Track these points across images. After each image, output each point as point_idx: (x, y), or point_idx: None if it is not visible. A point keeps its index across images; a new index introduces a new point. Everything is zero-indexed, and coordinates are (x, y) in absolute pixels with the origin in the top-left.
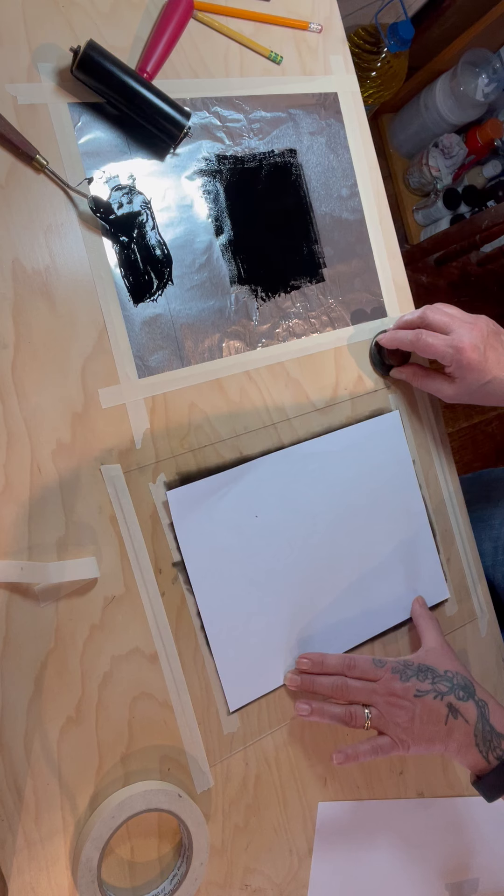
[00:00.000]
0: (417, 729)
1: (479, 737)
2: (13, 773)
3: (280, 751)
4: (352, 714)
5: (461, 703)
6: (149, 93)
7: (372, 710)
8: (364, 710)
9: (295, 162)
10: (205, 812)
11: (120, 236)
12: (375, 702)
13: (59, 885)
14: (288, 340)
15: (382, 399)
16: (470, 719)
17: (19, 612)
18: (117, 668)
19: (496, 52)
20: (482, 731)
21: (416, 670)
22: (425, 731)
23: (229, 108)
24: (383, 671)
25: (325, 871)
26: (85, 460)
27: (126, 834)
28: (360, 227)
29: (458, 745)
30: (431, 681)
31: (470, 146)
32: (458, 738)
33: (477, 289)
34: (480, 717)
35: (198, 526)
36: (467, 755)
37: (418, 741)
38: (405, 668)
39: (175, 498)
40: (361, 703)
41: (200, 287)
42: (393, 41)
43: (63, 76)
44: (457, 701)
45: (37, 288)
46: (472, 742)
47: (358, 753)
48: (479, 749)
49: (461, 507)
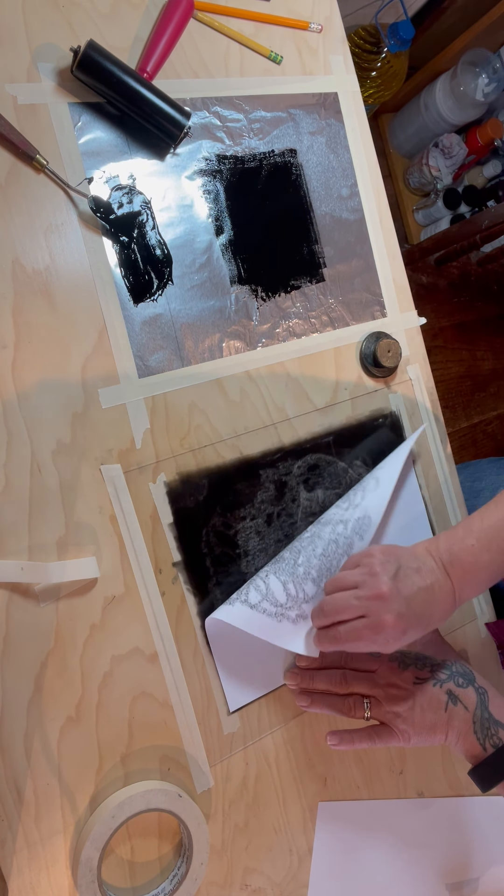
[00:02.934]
0: (418, 717)
1: (478, 724)
2: (13, 773)
3: (280, 751)
4: (350, 705)
5: (461, 690)
6: (149, 93)
7: (371, 700)
8: (364, 701)
9: (295, 162)
10: (205, 812)
11: (120, 236)
12: (375, 692)
13: (59, 885)
14: (288, 340)
15: (382, 399)
16: (469, 706)
17: (19, 612)
18: (117, 668)
19: (496, 52)
20: (481, 719)
21: (413, 658)
22: (426, 719)
23: (229, 108)
24: (381, 661)
25: (325, 871)
26: (85, 460)
27: (126, 834)
28: (360, 227)
29: (458, 733)
30: (430, 668)
31: (470, 146)
32: (457, 725)
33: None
34: (480, 705)
35: None
36: (465, 743)
37: (419, 731)
38: (403, 658)
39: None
40: (361, 693)
41: (200, 287)
42: (393, 41)
43: (63, 76)
44: (456, 688)
45: (37, 288)
46: (470, 729)
47: (353, 738)
48: (476, 737)
49: (461, 507)
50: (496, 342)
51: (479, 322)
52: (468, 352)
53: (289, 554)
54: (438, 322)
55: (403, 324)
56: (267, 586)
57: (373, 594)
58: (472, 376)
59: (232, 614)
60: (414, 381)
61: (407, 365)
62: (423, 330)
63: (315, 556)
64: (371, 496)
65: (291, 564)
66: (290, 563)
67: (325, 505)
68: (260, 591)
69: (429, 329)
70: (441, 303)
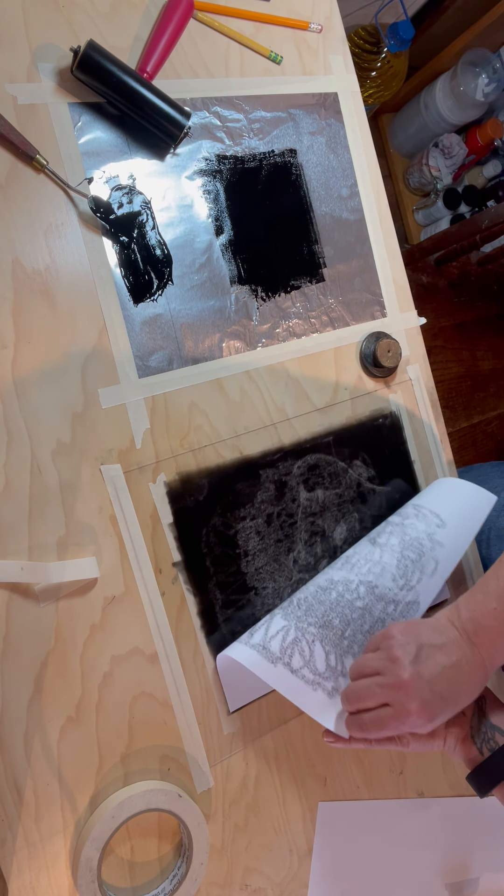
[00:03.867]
0: None
1: (475, 728)
2: (13, 773)
3: (280, 751)
4: None
5: None
6: (149, 93)
7: None
8: None
9: (295, 162)
10: (205, 812)
11: (120, 236)
12: None
13: (59, 885)
14: (288, 340)
15: (382, 399)
16: (467, 711)
17: (19, 612)
18: (117, 668)
19: (496, 52)
20: (479, 724)
21: None
22: None
23: (229, 108)
24: None
25: (325, 871)
26: (85, 460)
27: (126, 834)
28: (360, 227)
29: (455, 738)
30: None
31: (470, 146)
32: (455, 731)
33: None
34: (477, 710)
35: None
36: (463, 748)
37: (418, 736)
38: None
39: None
40: None
41: (200, 287)
42: (393, 41)
43: (63, 76)
44: None
45: (37, 288)
46: (468, 735)
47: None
48: (474, 741)
49: None
50: (496, 342)
51: (479, 322)
52: (468, 352)
53: (338, 621)
54: (438, 322)
55: (403, 324)
56: (311, 653)
57: (394, 683)
58: (472, 376)
59: (270, 674)
60: (414, 381)
61: (407, 365)
62: (423, 330)
63: (361, 633)
64: (427, 581)
65: (339, 635)
66: (337, 634)
67: (326, 505)
68: (303, 657)
69: (429, 329)
70: (441, 303)
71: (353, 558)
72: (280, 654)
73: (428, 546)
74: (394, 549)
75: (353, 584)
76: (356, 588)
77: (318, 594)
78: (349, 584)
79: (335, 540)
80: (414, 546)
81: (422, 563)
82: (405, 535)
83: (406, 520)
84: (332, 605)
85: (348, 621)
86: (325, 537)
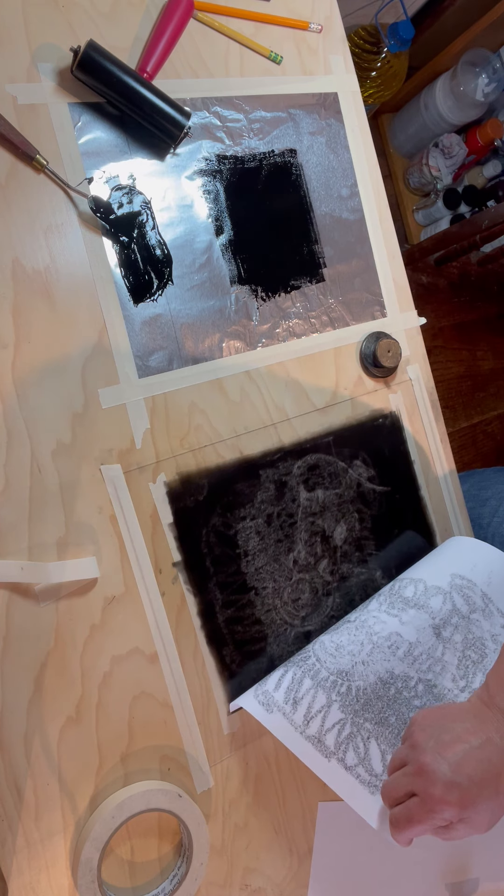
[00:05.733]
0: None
1: None
2: (13, 773)
3: (280, 751)
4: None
5: None
6: (149, 93)
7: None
8: None
9: (295, 162)
10: (205, 812)
11: (120, 236)
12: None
13: (59, 885)
14: (288, 340)
15: (382, 399)
16: None
17: (19, 612)
18: (117, 668)
19: (496, 52)
20: None
21: None
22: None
23: (229, 108)
24: None
25: (325, 871)
26: (85, 460)
27: (126, 834)
28: (360, 227)
29: None
30: None
31: (470, 146)
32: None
33: (477, 289)
34: None
35: None
36: None
37: (480, 812)
38: None
39: None
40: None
41: (200, 287)
42: (393, 41)
43: (63, 76)
44: None
45: (37, 288)
46: None
47: None
48: None
49: (461, 507)
50: (496, 342)
51: (479, 322)
52: (468, 352)
53: (394, 719)
54: (438, 322)
55: (403, 324)
56: (366, 750)
57: (415, 769)
58: (472, 376)
59: (322, 768)
60: (414, 381)
61: (407, 365)
62: (423, 330)
63: None
64: None
65: (395, 734)
66: (393, 733)
67: (326, 505)
68: (358, 754)
69: (429, 329)
70: (441, 303)
71: (416, 649)
72: (335, 748)
73: (491, 648)
74: (456, 648)
75: (413, 682)
76: (415, 686)
77: (377, 688)
78: (408, 680)
79: (335, 540)
80: (477, 647)
81: (483, 664)
82: (469, 632)
83: (473, 613)
84: (389, 702)
85: (405, 721)
86: (325, 537)
